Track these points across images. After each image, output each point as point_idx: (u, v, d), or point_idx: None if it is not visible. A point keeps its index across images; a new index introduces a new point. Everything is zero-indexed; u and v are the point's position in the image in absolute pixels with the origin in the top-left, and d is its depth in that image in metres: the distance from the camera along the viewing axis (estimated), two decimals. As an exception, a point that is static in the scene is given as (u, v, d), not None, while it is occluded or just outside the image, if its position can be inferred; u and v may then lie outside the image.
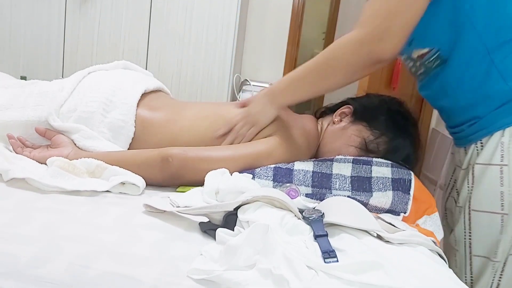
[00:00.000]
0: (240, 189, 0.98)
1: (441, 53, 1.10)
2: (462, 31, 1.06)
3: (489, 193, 1.09)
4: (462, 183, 1.16)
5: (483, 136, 1.10)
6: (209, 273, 0.73)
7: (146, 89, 1.31)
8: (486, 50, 1.06)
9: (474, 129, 1.12)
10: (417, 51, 1.14)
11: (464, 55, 1.08)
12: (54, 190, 0.99)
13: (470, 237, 1.13)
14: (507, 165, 1.07)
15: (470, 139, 1.14)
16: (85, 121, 1.19)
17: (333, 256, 0.79)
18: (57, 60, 2.58)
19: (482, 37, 1.05)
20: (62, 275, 0.72)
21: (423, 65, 1.16)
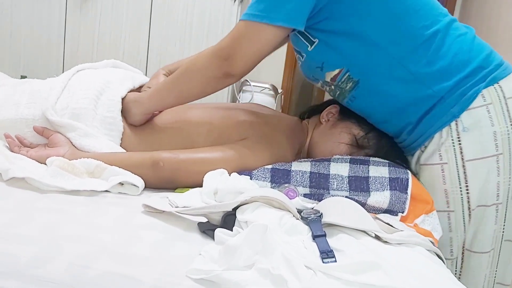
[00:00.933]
0: (238, 189, 0.99)
1: (350, 74, 1.15)
2: (365, 50, 1.11)
3: (435, 193, 1.15)
4: None
5: (425, 140, 1.17)
6: (208, 273, 0.73)
7: (133, 86, 1.32)
8: (397, 61, 1.11)
9: (414, 136, 1.19)
10: (329, 74, 1.18)
11: (375, 71, 1.13)
12: (53, 190, 0.99)
13: None
14: (447, 163, 1.13)
15: (414, 147, 1.20)
16: (78, 117, 1.20)
17: (332, 256, 0.79)
18: (57, 60, 2.59)
19: (388, 51, 1.11)
20: (62, 275, 0.72)
21: (338, 87, 1.20)
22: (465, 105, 1.12)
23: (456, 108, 1.12)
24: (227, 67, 1.12)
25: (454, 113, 1.13)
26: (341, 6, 1.09)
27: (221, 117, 1.27)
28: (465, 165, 1.13)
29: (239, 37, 1.11)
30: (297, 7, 1.08)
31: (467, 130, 1.12)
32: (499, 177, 1.14)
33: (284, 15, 1.07)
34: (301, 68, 1.28)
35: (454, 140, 1.13)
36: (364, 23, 1.10)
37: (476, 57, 1.14)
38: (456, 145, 1.13)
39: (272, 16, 1.07)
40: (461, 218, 1.15)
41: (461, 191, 1.14)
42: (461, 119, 1.13)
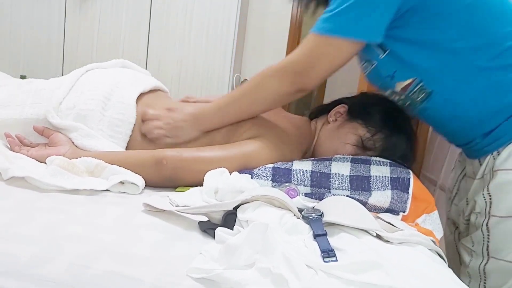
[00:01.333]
0: (239, 188, 0.98)
1: (424, 84, 1.12)
2: (441, 59, 1.07)
3: (509, 199, 1.09)
4: (477, 191, 1.16)
5: (500, 146, 1.10)
6: (209, 272, 0.73)
7: (144, 88, 1.31)
8: (478, 69, 1.07)
9: (489, 140, 1.13)
10: (400, 84, 1.16)
11: (452, 80, 1.09)
12: (53, 189, 0.99)
13: (488, 242, 1.13)
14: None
15: (485, 151, 1.14)
16: (84, 119, 1.20)
17: (333, 256, 0.79)
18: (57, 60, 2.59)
19: (470, 59, 1.06)
20: (62, 274, 0.72)
21: (408, 97, 1.17)
22: None
23: None
24: (300, 83, 1.11)
25: None
26: (421, 14, 1.05)
27: None
28: None
29: (314, 52, 1.09)
30: (377, 20, 1.05)
31: None
32: None
33: (365, 29, 1.05)
34: (367, 76, 1.25)
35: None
36: (442, 32, 1.06)
37: None
38: None
39: (350, 31, 1.05)
40: None
41: None
42: None
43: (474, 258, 1.17)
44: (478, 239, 1.15)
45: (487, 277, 1.14)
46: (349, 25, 1.05)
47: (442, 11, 1.05)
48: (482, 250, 1.14)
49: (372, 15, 1.04)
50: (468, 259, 1.19)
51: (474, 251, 1.17)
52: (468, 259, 1.19)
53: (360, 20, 1.04)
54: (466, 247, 1.20)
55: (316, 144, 1.33)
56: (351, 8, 1.03)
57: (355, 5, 1.03)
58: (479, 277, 1.15)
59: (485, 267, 1.14)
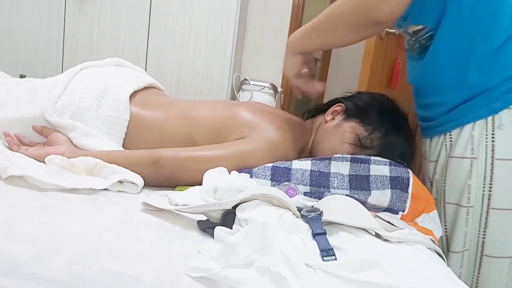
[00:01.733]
0: (238, 187, 0.98)
1: (434, 33, 1.13)
2: (449, 13, 1.08)
3: (458, 186, 1.14)
4: (433, 175, 1.21)
5: (453, 128, 1.14)
6: (208, 271, 0.73)
7: (138, 85, 1.31)
8: (469, 38, 1.08)
9: (444, 120, 1.16)
10: (412, 27, 1.16)
11: (448, 39, 1.11)
12: (52, 188, 0.99)
13: (446, 230, 1.18)
14: (477, 159, 1.11)
15: (439, 130, 1.18)
16: (80, 117, 1.19)
17: (332, 255, 0.79)
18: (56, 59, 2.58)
19: (466, 24, 1.08)
20: (61, 273, 0.72)
21: (418, 41, 1.18)
22: (508, 103, 1.10)
23: (498, 104, 1.10)
24: (375, 13, 1.05)
25: (494, 108, 1.10)
26: None
27: (223, 115, 1.26)
28: (493, 163, 1.11)
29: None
30: None
31: (503, 128, 1.10)
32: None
33: None
34: None
35: (488, 136, 1.11)
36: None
37: None
38: (489, 141, 1.11)
39: None
40: (478, 216, 1.13)
41: (483, 189, 1.12)
42: (500, 115, 1.10)
43: None
44: None
45: None
46: None
47: None
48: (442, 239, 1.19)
49: None
50: None
51: None
52: None
53: None
54: None
55: (313, 144, 1.33)
56: None
57: None
58: None
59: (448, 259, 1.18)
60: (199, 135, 1.22)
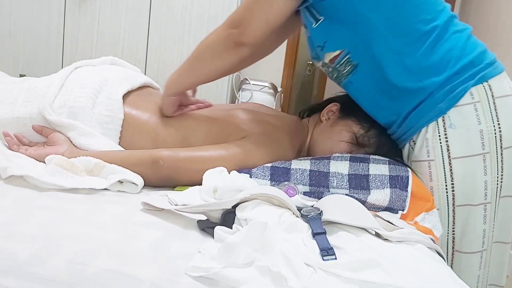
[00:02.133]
0: (238, 187, 0.98)
1: (351, 57, 1.16)
2: (366, 35, 1.12)
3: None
4: None
5: (413, 134, 1.17)
6: (208, 271, 0.73)
7: (132, 84, 1.31)
8: (393, 51, 1.12)
9: (403, 129, 1.19)
10: (328, 55, 1.19)
11: (373, 57, 1.13)
12: (52, 188, 0.99)
13: None
14: (434, 160, 1.13)
15: (403, 139, 1.21)
16: (76, 116, 1.19)
17: (332, 254, 0.79)
18: (56, 58, 2.59)
19: (388, 40, 1.11)
20: (60, 273, 0.72)
21: (335, 69, 1.21)
22: (453, 101, 1.12)
23: (444, 104, 1.13)
24: (237, 35, 1.12)
25: (441, 109, 1.13)
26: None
27: (220, 117, 1.26)
28: (451, 162, 1.13)
29: (249, 5, 1.12)
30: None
31: (454, 127, 1.12)
32: (486, 176, 1.14)
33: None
34: (308, 44, 1.29)
35: (441, 137, 1.13)
36: (369, 9, 1.10)
37: (468, 55, 1.14)
38: (443, 141, 1.13)
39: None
40: (446, 216, 1.16)
41: (446, 189, 1.14)
42: (448, 115, 1.13)
43: None
44: None
45: None
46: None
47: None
48: None
49: None
50: None
51: None
52: None
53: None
54: None
55: (310, 143, 1.33)
56: None
57: None
58: None
59: None
60: (195, 135, 1.22)
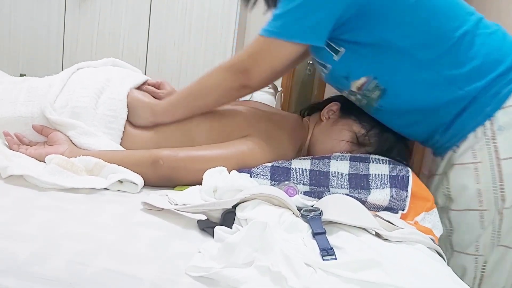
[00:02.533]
0: (238, 187, 0.98)
1: (378, 82, 1.14)
2: (392, 57, 1.11)
3: (467, 192, 1.13)
4: (437, 187, 1.21)
5: (458, 141, 1.15)
6: (208, 271, 0.73)
7: (135, 84, 1.31)
8: (426, 65, 1.10)
9: (447, 137, 1.17)
10: (355, 83, 1.17)
11: (403, 77, 1.12)
12: (52, 188, 0.99)
13: (451, 235, 1.18)
14: (481, 163, 1.11)
15: (446, 147, 1.19)
16: (78, 116, 1.19)
17: (332, 254, 0.79)
18: (56, 58, 2.59)
19: (416, 56, 1.10)
20: (60, 272, 0.72)
21: (365, 96, 1.19)
22: (499, 103, 1.10)
23: (490, 107, 1.11)
24: (243, 80, 1.15)
25: (488, 112, 1.11)
26: (367, 18, 1.08)
27: (222, 115, 1.26)
28: (500, 163, 1.11)
29: (255, 52, 1.14)
30: (316, 24, 1.08)
31: (502, 129, 1.10)
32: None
33: (302, 32, 1.09)
34: (325, 79, 1.28)
35: (489, 139, 1.11)
36: (391, 32, 1.09)
37: (508, 55, 1.12)
38: (491, 144, 1.11)
39: (289, 33, 1.09)
40: (495, 216, 1.13)
41: (495, 190, 1.11)
42: (496, 117, 1.11)
43: None
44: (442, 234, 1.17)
45: None
46: (289, 28, 1.09)
47: (386, 13, 1.08)
48: (446, 244, 1.18)
49: (312, 18, 1.07)
50: None
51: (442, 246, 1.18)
52: None
53: (299, 23, 1.08)
54: None
55: (310, 142, 1.33)
56: (291, 12, 1.07)
57: (295, 9, 1.07)
58: None
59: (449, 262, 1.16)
60: (198, 133, 1.23)
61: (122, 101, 1.23)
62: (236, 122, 1.24)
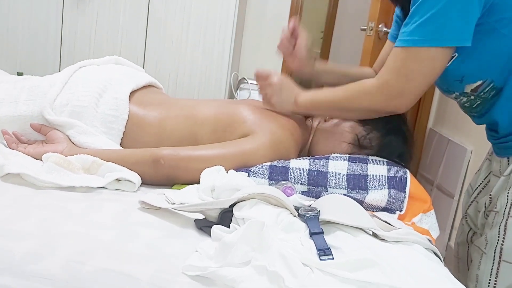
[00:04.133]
0: (235, 186, 0.98)
1: (495, 84, 1.11)
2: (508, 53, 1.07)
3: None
4: (501, 189, 1.15)
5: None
6: (204, 270, 0.72)
7: (137, 84, 1.31)
8: None
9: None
10: (470, 86, 1.14)
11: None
12: (49, 186, 0.98)
13: (503, 243, 1.11)
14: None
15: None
16: (78, 115, 1.19)
17: (329, 254, 0.79)
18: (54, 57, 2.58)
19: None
20: (58, 271, 0.72)
21: (479, 97, 1.15)
22: None
23: None
24: (396, 106, 1.11)
25: None
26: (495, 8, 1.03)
27: (226, 114, 1.25)
28: None
29: (408, 67, 1.06)
30: (466, 23, 1.02)
31: None
32: None
33: (456, 34, 1.02)
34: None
35: None
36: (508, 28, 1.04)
37: None
38: None
39: (443, 38, 1.02)
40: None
41: None
42: None
43: (483, 261, 1.15)
44: (492, 239, 1.13)
45: (497, 282, 1.12)
46: (440, 32, 1.02)
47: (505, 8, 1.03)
48: (495, 251, 1.12)
49: (460, 18, 1.01)
50: (478, 262, 1.17)
51: (486, 254, 1.15)
52: (478, 262, 1.17)
53: (450, 25, 1.01)
54: (478, 249, 1.19)
55: (312, 143, 1.33)
56: (437, 16, 1.01)
57: (441, 12, 1.00)
58: (488, 282, 1.14)
59: (497, 272, 1.12)
60: (202, 134, 1.22)
61: (124, 101, 1.23)
62: (241, 120, 1.22)
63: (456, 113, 1.61)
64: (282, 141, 1.21)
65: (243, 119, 1.22)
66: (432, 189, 2.73)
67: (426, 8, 1.01)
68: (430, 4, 1.01)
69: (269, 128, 1.21)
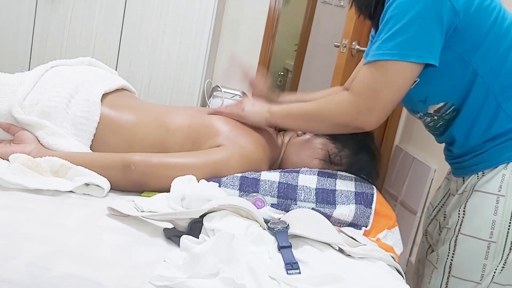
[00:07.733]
0: (206, 196, 0.98)
1: (455, 106, 1.15)
2: (472, 84, 1.11)
3: (481, 220, 1.11)
4: (454, 207, 1.19)
5: (486, 168, 1.13)
6: (172, 280, 0.72)
7: (110, 87, 1.29)
8: (493, 95, 1.10)
9: (476, 160, 1.15)
10: (433, 107, 1.17)
11: (474, 103, 1.12)
12: (15, 188, 0.96)
13: (452, 258, 1.15)
14: (504, 196, 1.10)
15: (471, 170, 1.17)
16: (48, 116, 1.17)
17: (296, 268, 0.80)
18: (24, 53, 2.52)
19: (489, 86, 1.10)
20: (20, 275, 0.70)
21: (441, 118, 1.19)
22: None
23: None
24: (364, 122, 1.11)
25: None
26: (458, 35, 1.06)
27: (198, 123, 1.25)
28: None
29: (376, 81, 1.08)
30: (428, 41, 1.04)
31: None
32: None
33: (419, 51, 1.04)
34: None
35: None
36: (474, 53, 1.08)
37: None
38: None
39: (406, 53, 1.04)
40: (502, 249, 1.11)
41: (509, 226, 1.10)
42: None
43: (434, 276, 1.19)
44: (443, 255, 1.17)
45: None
46: (403, 46, 1.04)
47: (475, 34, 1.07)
48: (445, 266, 1.16)
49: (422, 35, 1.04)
50: (429, 277, 1.21)
51: (436, 268, 1.19)
52: (429, 277, 1.21)
53: (412, 41, 1.04)
54: (430, 263, 1.22)
55: (283, 157, 1.34)
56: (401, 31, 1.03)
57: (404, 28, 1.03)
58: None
59: (446, 287, 1.16)
60: (173, 142, 1.21)
61: (96, 103, 1.21)
62: (213, 131, 1.23)
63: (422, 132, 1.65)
64: (254, 154, 1.21)
65: (216, 132, 1.23)
66: (396, 205, 2.78)
67: (391, 25, 1.05)
68: (395, 20, 1.04)
69: (241, 141, 1.21)
